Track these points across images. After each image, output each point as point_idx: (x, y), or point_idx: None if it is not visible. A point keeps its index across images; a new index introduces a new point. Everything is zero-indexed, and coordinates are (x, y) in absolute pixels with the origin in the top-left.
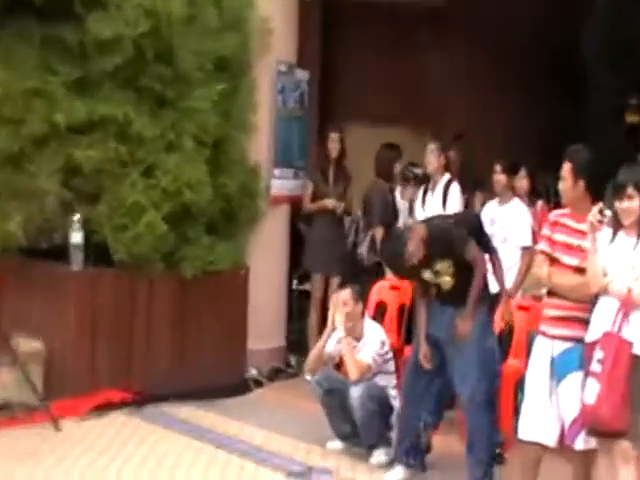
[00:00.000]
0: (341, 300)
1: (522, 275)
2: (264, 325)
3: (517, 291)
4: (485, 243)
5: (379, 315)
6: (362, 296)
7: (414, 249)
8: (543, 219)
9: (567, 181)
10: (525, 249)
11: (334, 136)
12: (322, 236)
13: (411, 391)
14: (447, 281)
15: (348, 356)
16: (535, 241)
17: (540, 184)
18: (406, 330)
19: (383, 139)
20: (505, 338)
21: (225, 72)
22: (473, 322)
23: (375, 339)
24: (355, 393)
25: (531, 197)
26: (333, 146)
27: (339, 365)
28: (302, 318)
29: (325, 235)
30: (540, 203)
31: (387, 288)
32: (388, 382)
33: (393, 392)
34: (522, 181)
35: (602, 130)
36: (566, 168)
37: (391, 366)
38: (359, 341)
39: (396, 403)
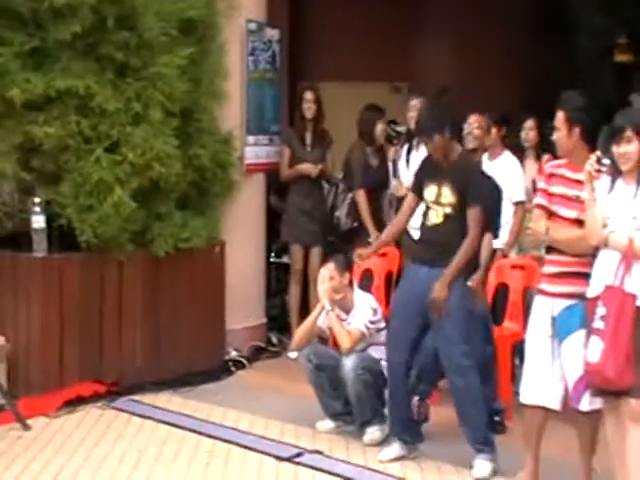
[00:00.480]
0: (325, 275)
1: (515, 232)
2: (242, 302)
3: (510, 250)
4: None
5: (366, 284)
6: (348, 266)
7: (439, 154)
8: None
9: (561, 130)
10: (518, 204)
11: (309, 96)
12: (301, 205)
13: (393, 362)
14: (437, 215)
15: (336, 327)
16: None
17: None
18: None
19: (358, 97)
20: (499, 300)
21: (191, 36)
22: (449, 289)
23: (366, 307)
24: (348, 364)
25: (538, 150)
26: (308, 106)
27: (327, 342)
28: (282, 292)
29: (304, 204)
30: (547, 157)
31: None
32: (381, 354)
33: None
34: (529, 133)
35: (591, 71)
36: (559, 116)
37: (384, 336)
38: (349, 313)
39: None
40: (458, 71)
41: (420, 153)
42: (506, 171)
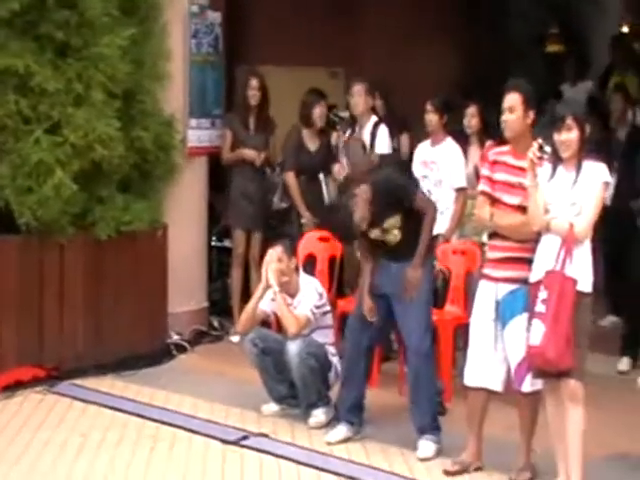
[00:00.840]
0: (274, 256)
1: (457, 218)
2: (184, 286)
3: (452, 235)
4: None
5: (309, 268)
6: (294, 250)
7: (362, 214)
8: None
9: (517, 112)
10: (459, 191)
11: (254, 83)
12: (243, 189)
13: (353, 347)
14: (395, 235)
15: (284, 310)
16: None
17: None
18: (338, 283)
19: (295, 82)
20: (440, 284)
21: (133, 16)
22: (423, 269)
23: (312, 292)
24: (293, 349)
25: (481, 136)
26: (253, 94)
27: (270, 325)
28: (222, 276)
29: (246, 188)
30: (489, 143)
31: (316, 240)
32: (326, 338)
33: (332, 349)
34: (472, 120)
35: (524, 60)
36: (516, 98)
37: (329, 319)
38: (294, 297)
39: (335, 359)
40: (395, 57)
41: (363, 138)
42: (448, 157)
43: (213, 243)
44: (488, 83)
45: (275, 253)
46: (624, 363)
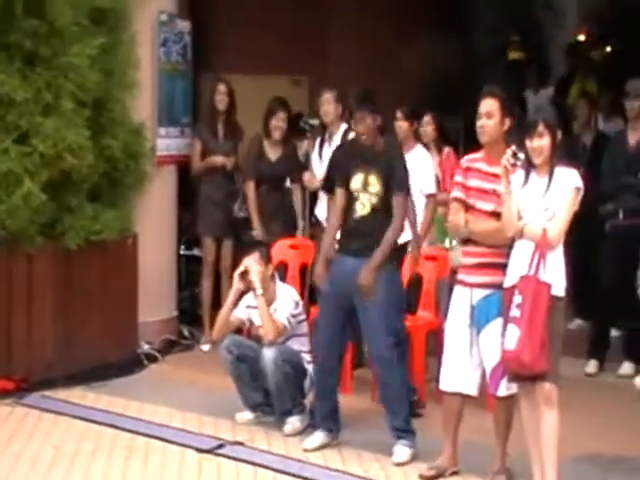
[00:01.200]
0: (251, 262)
1: (427, 224)
2: (154, 295)
3: (423, 241)
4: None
5: (280, 275)
6: (269, 257)
7: (369, 135)
8: (452, 166)
9: (494, 117)
10: (429, 197)
11: (222, 88)
12: (212, 197)
13: (325, 352)
14: (364, 205)
15: (265, 315)
16: (440, 189)
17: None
18: (309, 290)
19: (259, 90)
20: (413, 289)
21: (103, 26)
22: (376, 275)
23: (288, 299)
24: (269, 355)
25: (439, 144)
26: (221, 99)
27: (242, 333)
28: (192, 285)
29: (215, 196)
30: (447, 150)
31: (287, 247)
32: (301, 345)
33: (307, 356)
34: (427, 128)
35: (487, 68)
36: (493, 105)
37: (304, 328)
38: (270, 305)
39: (310, 367)
40: (360, 66)
41: (333, 147)
42: (418, 164)
43: (182, 252)
44: (453, 91)
45: (252, 258)
46: (591, 366)
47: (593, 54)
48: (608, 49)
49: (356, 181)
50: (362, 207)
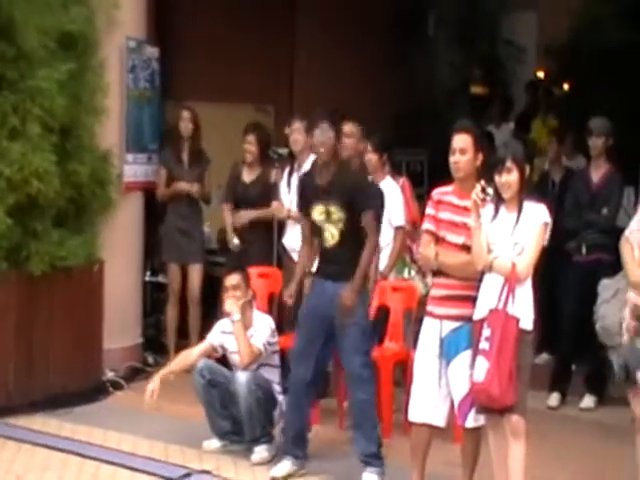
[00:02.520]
0: (232, 284)
1: (395, 256)
2: (119, 322)
3: (390, 272)
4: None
5: None
6: (249, 283)
7: (327, 149)
8: (407, 197)
9: (468, 153)
10: (398, 229)
11: (186, 114)
12: (178, 224)
13: (296, 379)
14: (332, 235)
15: (241, 338)
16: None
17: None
18: (277, 320)
19: (223, 118)
20: (379, 320)
21: (71, 50)
22: (357, 296)
23: (265, 326)
24: (242, 379)
25: (391, 174)
26: (185, 125)
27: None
28: (157, 312)
29: (181, 223)
30: (402, 180)
31: (255, 276)
32: (273, 376)
33: (277, 387)
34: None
35: (450, 103)
36: (466, 140)
37: (276, 359)
38: (247, 331)
39: (280, 398)
40: (323, 98)
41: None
42: (387, 196)
43: (147, 278)
44: (418, 124)
45: (231, 280)
46: (554, 399)
47: (554, 90)
48: (566, 87)
49: (317, 213)
50: (331, 237)
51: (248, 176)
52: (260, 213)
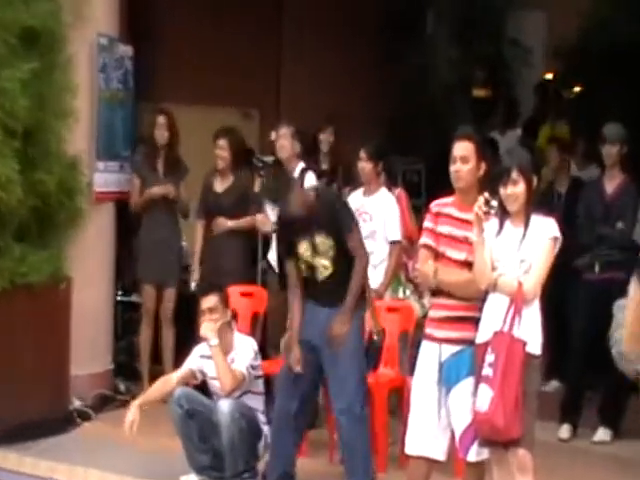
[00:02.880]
0: (207, 307)
1: (391, 273)
2: (88, 346)
3: (385, 290)
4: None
5: None
6: (228, 302)
7: (298, 203)
8: (404, 209)
9: (470, 162)
10: (394, 244)
11: (161, 120)
12: (152, 237)
13: (282, 411)
14: (325, 266)
15: (220, 363)
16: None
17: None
18: (261, 343)
19: (205, 123)
20: (373, 344)
21: (35, 48)
22: (350, 323)
23: (248, 349)
24: (225, 407)
25: (386, 184)
26: (160, 132)
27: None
28: (128, 335)
29: (155, 236)
30: (398, 191)
31: (237, 294)
32: (257, 404)
33: (262, 417)
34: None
35: (449, 106)
36: (468, 147)
37: (261, 385)
38: (228, 355)
39: (265, 428)
40: (312, 101)
41: None
42: (382, 208)
43: (119, 298)
44: (414, 130)
45: (208, 302)
46: (564, 430)
47: (564, 94)
48: (577, 89)
49: (303, 249)
50: (324, 269)
51: (220, 185)
52: (240, 222)
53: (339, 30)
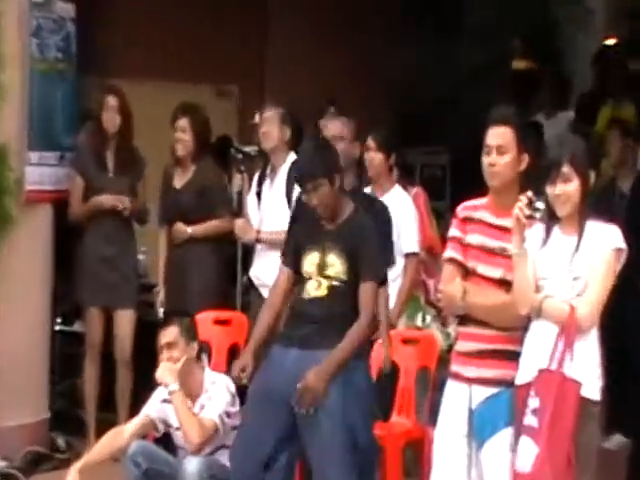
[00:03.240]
0: (166, 341)
1: (406, 295)
2: (16, 389)
3: (399, 316)
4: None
5: None
6: (195, 332)
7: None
8: (423, 212)
9: (508, 153)
10: (410, 257)
11: (112, 101)
12: (100, 252)
13: (240, 472)
14: (320, 284)
15: (183, 412)
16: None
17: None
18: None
19: (169, 104)
20: (385, 384)
21: None
22: (330, 382)
23: (222, 392)
24: (192, 467)
25: (401, 182)
26: (110, 117)
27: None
28: (70, 375)
29: (104, 250)
30: (415, 190)
31: (210, 322)
32: None
33: None
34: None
35: (479, 84)
36: (506, 134)
37: None
38: (196, 400)
39: None
40: (307, 77)
41: (277, 185)
42: (395, 212)
43: (58, 327)
44: (436, 116)
45: (167, 336)
46: None
47: (629, 65)
48: None
49: (309, 263)
50: (316, 286)
51: (180, 179)
52: (203, 228)
53: None
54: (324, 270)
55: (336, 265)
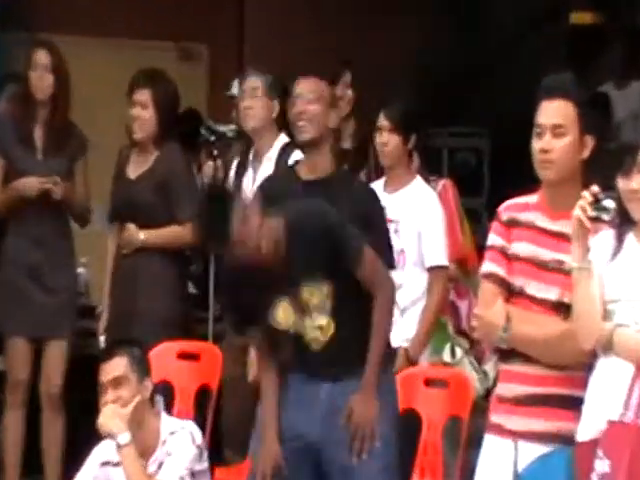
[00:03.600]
0: (112, 376)
1: (430, 322)
2: None
3: (422, 350)
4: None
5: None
6: (148, 367)
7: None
8: (452, 211)
9: (567, 135)
10: (436, 271)
11: (43, 59)
12: (25, 259)
13: None
14: (323, 328)
15: (134, 472)
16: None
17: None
18: (213, 436)
19: (124, 66)
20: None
21: None
22: (376, 403)
23: (186, 444)
24: None
25: (422, 172)
26: (39, 78)
27: None
28: None
29: (31, 257)
30: (443, 183)
31: (173, 355)
32: None
33: None
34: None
35: (522, 46)
36: (564, 111)
37: None
38: (151, 455)
39: None
40: (298, 34)
41: (262, 174)
42: (416, 213)
43: None
44: (467, 89)
45: (111, 371)
46: None
47: None
48: None
49: (282, 314)
50: (321, 333)
51: (135, 167)
52: (166, 233)
53: None
54: (308, 306)
55: (315, 292)
